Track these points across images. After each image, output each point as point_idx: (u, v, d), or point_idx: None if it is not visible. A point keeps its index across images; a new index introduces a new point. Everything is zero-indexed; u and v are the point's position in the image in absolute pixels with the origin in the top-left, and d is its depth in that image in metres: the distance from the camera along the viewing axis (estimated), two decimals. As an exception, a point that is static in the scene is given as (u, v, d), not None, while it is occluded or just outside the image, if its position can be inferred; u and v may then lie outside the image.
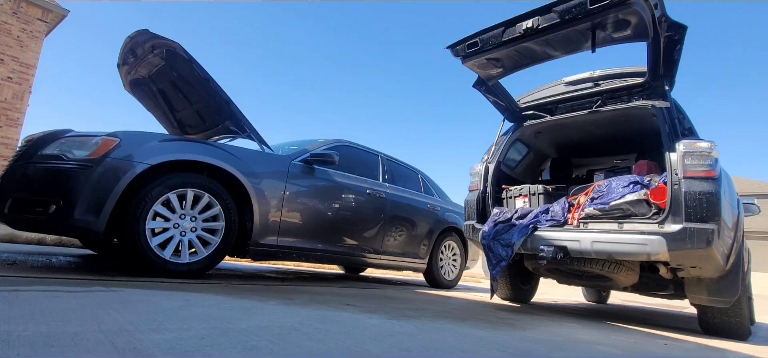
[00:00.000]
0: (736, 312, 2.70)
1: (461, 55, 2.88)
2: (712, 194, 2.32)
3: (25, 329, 1.06)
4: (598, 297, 5.83)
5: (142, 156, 2.36)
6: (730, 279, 2.57)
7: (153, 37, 2.97)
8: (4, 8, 8.09)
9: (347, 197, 3.68)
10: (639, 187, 2.68)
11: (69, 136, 2.35)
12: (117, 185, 2.24)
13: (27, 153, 2.30)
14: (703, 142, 2.45)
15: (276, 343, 1.22)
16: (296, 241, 3.21)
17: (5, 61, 8.07)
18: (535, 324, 2.39)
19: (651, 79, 2.82)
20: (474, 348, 1.51)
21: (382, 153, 4.43)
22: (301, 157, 3.34)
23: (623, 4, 2.20)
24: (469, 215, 3.45)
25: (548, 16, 2.43)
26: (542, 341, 1.84)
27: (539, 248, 2.76)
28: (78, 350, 0.95)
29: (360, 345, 1.33)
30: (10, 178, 2.27)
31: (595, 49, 2.55)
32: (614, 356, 1.73)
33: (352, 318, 1.82)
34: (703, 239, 2.27)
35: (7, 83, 8.08)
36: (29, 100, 8.39)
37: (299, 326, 1.51)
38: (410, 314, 2.16)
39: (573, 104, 3.30)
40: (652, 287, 3.26)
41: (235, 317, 1.54)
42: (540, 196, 3.31)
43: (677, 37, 2.46)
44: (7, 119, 8.08)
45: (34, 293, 1.59)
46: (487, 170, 3.48)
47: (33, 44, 8.45)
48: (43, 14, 8.63)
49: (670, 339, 2.43)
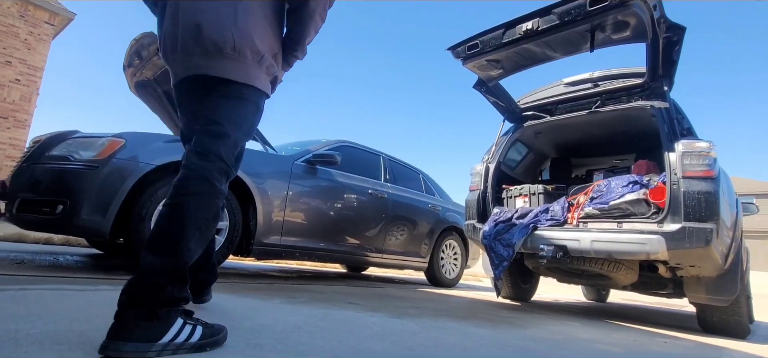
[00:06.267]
0: (734, 311, 2.72)
1: (462, 57, 2.91)
2: (711, 194, 2.33)
3: (32, 328, 1.07)
4: (597, 296, 5.83)
5: (148, 157, 2.39)
6: (728, 278, 2.58)
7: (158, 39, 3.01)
8: (11, 11, 8.15)
9: (349, 197, 3.70)
10: (638, 186, 2.70)
11: (76, 137, 2.38)
12: (123, 186, 2.27)
13: (35, 154, 2.33)
14: (701, 143, 2.46)
15: (279, 341, 1.24)
16: (299, 240, 3.24)
17: (13, 64, 8.13)
18: (535, 323, 2.42)
19: (650, 79, 2.83)
20: (475, 347, 1.53)
21: (383, 153, 4.46)
22: (303, 157, 3.38)
23: (622, 5, 2.22)
24: (470, 215, 3.47)
25: (548, 17, 2.45)
26: (542, 340, 1.86)
27: (539, 247, 2.78)
28: (85, 348, 0.96)
29: (362, 343, 1.35)
30: (18, 179, 2.30)
31: (594, 50, 2.57)
32: (614, 354, 1.75)
33: (355, 316, 1.85)
34: (702, 239, 2.28)
35: (15, 85, 8.14)
36: (36, 102, 8.46)
37: (302, 324, 1.54)
38: (412, 313, 2.19)
39: (572, 105, 3.31)
40: (651, 286, 3.27)
41: (239, 315, 1.57)
42: (540, 196, 3.33)
43: (676, 38, 2.47)
44: (15, 121, 8.15)
45: (42, 291, 1.61)
46: (488, 170, 3.50)
47: (40, 47, 8.51)
48: (50, 17, 8.69)
49: (669, 337, 2.45)
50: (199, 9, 1.19)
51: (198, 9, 1.19)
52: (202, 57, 1.20)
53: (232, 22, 1.19)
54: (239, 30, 1.19)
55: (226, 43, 1.18)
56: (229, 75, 1.21)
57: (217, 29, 1.18)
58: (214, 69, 1.21)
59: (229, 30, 1.18)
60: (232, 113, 1.22)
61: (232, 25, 1.18)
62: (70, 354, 0.91)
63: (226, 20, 1.18)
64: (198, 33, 1.18)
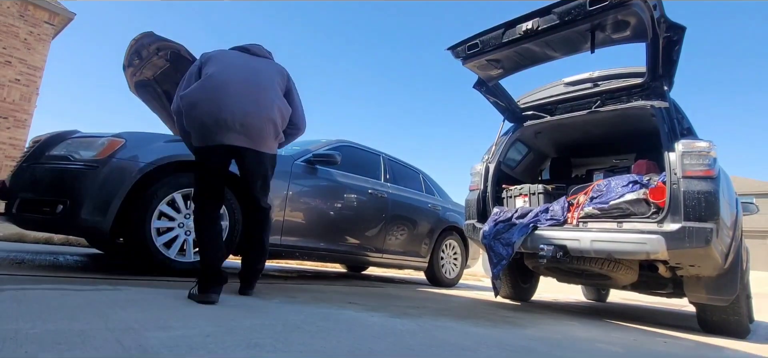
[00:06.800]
0: (734, 310, 2.72)
1: (462, 57, 2.91)
2: (711, 193, 2.33)
3: (32, 327, 1.07)
4: (597, 296, 5.83)
5: (148, 156, 2.39)
6: (728, 278, 2.58)
7: (158, 39, 3.00)
8: (11, 11, 8.16)
9: (349, 197, 3.70)
10: (638, 186, 2.70)
11: (75, 137, 2.38)
12: (123, 185, 2.27)
13: (34, 154, 2.33)
14: (701, 142, 2.46)
15: (279, 340, 1.24)
16: (299, 240, 3.24)
17: (13, 64, 8.14)
18: (535, 322, 2.42)
19: (650, 79, 2.83)
20: (475, 346, 1.53)
21: (383, 153, 4.45)
22: (303, 157, 3.37)
23: (622, 5, 2.22)
24: (470, 215, 3.47)
25: (548, 17, 2.45)
26: (542, 339, 1.85)
27: (539, 246, 2.78)
28: (85, 347, 0.96)
29: (362, 343, 1.35)
30: (18, 178, 2.31)
31: (594, 50, 2.57)
32: (614, 353, 1.75)
33: (355, 316, 1.85)
34: (702, 238, 2.28)
35: (14, 85, 8.15)
36: (36, 102, 8.46)
37: (302, 323, 1.54)
38: (412, 312, 2.19)
39: (572, 105, 3.31)
40: (651, 286, 3.27)
41: (239, 315, 1.57)
42: (540, 195, 3.33)
43: (676, 37, 2.47)
44: (15, 121, 8.15)
45: (42, 291, 1.62)
46: (488, 170, 3.50)
47: (40, 47, 8.52)
48: (49, 17, 8.70)
49: (669, 337, 2.45)
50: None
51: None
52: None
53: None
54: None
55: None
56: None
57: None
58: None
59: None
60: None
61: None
62: (69, 354, 0.91)
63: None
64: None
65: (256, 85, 1.98)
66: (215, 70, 1.93)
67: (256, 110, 1.93)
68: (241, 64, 2.03)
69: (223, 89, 1.89)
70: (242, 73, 1.98)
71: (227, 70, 1.95)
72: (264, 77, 2.04)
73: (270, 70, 2.10)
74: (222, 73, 1.93)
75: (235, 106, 1.87)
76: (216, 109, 1.85)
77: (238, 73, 1.97)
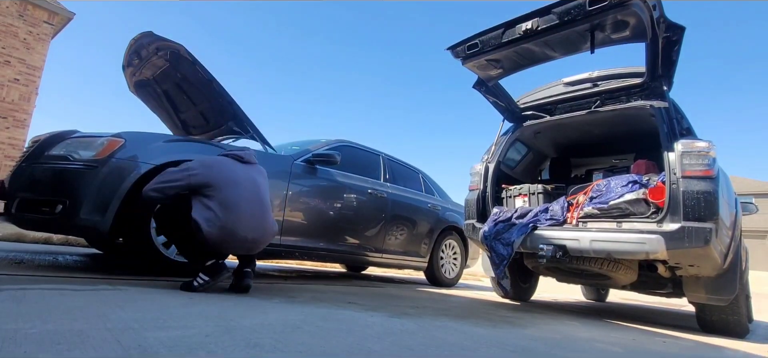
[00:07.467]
0: (734, 310, 2.72)
1: (461, 57, 2.91)
2: (710, 193, 2.33)
3: (32, 327, 1.07)
4: (597, 295, 5.83)
5: (147, 156, 2.39)
6: (727, 277, 2.59)
7: (157, 39, 3.00)
8: (10, 11, 8.15)
9: (349, 197, 3.70)
10: (637, 186, 2.70)
11: (75, 137, 2.38)
12: (122, 185, 2.27)
13: (34, 154, 2.33)
14: (701, 142, 2.47)
15: (279, 340, 1.24)
16: (299, 240, 3.24)
17: (12, 64, 8.13)
18: (534, 322, 2.42)
19: (649, 79, 2.83)
20: (474, 346, 1.53)
21: (383, 153, 4.45)
22: (303, 157, 3.37)
23: (622, 5, 2.22)
24: (470, 214, 3.47)
25: (547, 17, 2.45)
26: (542, 339, 1.85)
27: (539, 246, 2.78)
28: (84, 347, 0.95)
29: (362, 343, 1.35)
30: (18, 178, 2.30)
31: (594, 50, 2.57)
32: (613, 353, 1.76)
33: (354, 316, 1.85)
34: (701, 238, 2.28)
35: (13, 85, 8.14)
36: (35, 102, 8.45)
37: (302, 323, 1.54)
38: (411, 312, 2.19)
39: (572, 105, 3.31)
40: (650, 286, 3.27)
41: (238, 314, 1.57)
42: (539, 195, 3.33)
43: (675, 37, 2.47)
44: (14, 120, 8.15)
45: (41, 291, 1.61)
46: (487, 170, 3.50)
47: (39, 46, 8.51)
48: (49, 17, 8.69)
49: (668, 337, 2.45)
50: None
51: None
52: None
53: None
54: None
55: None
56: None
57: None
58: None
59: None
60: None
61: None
62: (69, 354, 0.91)
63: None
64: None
65: (260, 203, 2.25)
66: (233, 196, 2.12)
67: (263, 236, 2.25)
68: (244, 177, 2.23)
69: (241, 213, 2.12)
70: (248, 192, 2.19)
71: (238, 192, 2.15)
72: (263, 192, 2.31)
73: (262, 180, 2.36)
74: (236, 197, 2.13)
75: (248, 231, 2.14)
76: (240, 235, 2.12)
77: (245, 192, 2.18)
